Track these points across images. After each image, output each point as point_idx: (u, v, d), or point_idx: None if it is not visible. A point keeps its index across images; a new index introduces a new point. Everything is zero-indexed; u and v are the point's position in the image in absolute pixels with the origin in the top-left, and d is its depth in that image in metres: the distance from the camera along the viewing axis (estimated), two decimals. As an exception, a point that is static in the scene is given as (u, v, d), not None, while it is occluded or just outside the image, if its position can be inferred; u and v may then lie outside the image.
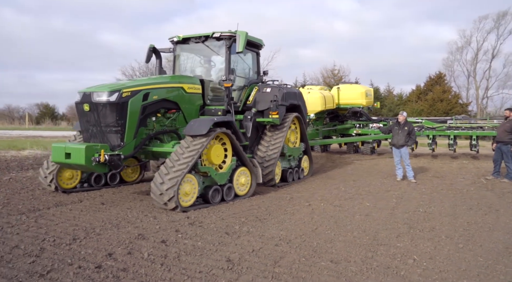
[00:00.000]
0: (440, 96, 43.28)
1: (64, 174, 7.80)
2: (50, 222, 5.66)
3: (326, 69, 47.34)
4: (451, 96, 43.78)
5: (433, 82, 46.05)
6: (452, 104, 42.33)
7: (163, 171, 6.41)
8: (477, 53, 48.28)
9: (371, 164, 13.81)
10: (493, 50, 47.17)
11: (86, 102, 6.68)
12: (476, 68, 48.50)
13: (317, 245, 4.78)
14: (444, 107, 41.58)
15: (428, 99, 43.57)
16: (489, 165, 13.33)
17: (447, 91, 44.63)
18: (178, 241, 4.86)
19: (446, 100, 42.92)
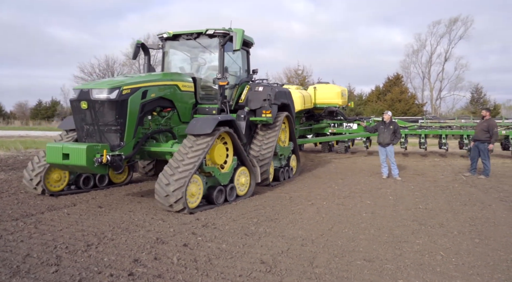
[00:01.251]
0: (398, 97, 45.07)
1: (52, 176, 7.33)
2: (52, 228, 5.29)
3: (289, 69, 47.87)
4: (408, 97, 45.76)
5: (391, 83, 47.89)
6: (410, 105, 44.22)
7: (168, 172, 6.17)
8: (431, 56, 50.77)
9: (350, 163, 14.09)
10: (446, 53, 49.81)
11: (84, 99, 6.30)
12: (430, 71, 50.96)
13: (342, 244, 4.78)
14: (402, 107, 43.31)
15: (387, 100, 45.23)
16: (459, 162, 14.05)
17: (405, 92, 46.60)
18: (201, 244, 4.69)
19: (404, 101, 44.78)
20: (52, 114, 59.70)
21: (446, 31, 49.20)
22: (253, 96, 9.15)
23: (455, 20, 48.34)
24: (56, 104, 62.55)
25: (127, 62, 52.41)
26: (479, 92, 49.64)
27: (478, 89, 49.56)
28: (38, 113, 58.45)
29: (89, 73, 47.68)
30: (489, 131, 10.33)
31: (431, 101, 50.32)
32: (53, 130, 36.44)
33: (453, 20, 48.45)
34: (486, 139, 10.35)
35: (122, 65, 50.21)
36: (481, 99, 49.49)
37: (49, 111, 59.64)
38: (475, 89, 49.77)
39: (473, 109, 46.81)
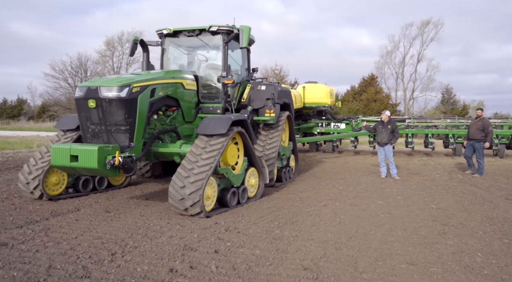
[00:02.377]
0: (373, 97, 45.97)
1: (50, 179, 6.88)
2: (65, 235, 4.92)
3: (267, 68, 47.82)
4: (383, 97, 46.74)
5: (367, 84, 48.80)
6: (385, 105, 45.11)
7: (183, 174, 5.89)
8: (404, 57, 51.94)
9: (342, 162, 14.11)
10: (418, 55, 51.08)
11: (92, 97, 5.92)
12: (404, 71, 52.14)
13: (376, 246, 4.67)
14: (378, 107, 44.11)
15: (363, 99, 46.04)
16: (447, 161, 14.32)
17: (379, 92, 47.58)
18: (232, 251, 4.46)
19: (379, 100, 45.71)
20: (18, 113, 57.33)
21: (419, 33, 50.51)
22: (255, 95, 8.95)
23: (427, 23, 49.70)
24: (23, 103, 60.12)
25: (100, 60, 51.01)
26: (449, 93, 51.21)
27: (448, 90, 51.14)
28: (3, 112, 55.93)
29: (60, 71, 46.05)
30: (484, 130, 10.54)
31: (404, 101, 51.53)
32: (23, 130, 34.96)
33: (425, 23, 49.79)
34: (482, 138, 10.55)
35: (96, 63, 48.74)
36: (451, 99, 51.09)
37: (15, 110, 57.25)
38: (446, 89, 51.31)
39: (444, 109, 48.32)
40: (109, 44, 51.73)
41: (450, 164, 13.62)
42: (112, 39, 51.17)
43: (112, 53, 51.79)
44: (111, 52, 51.74)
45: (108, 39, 51.15)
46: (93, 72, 48.10)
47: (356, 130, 16.22)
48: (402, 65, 52.06)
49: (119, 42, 52.53)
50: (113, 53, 51.89)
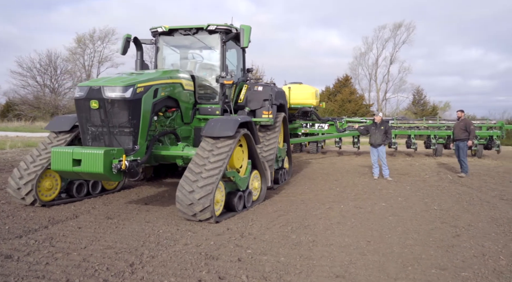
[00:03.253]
0: (348, 97, 46.62)
1: (43, 184, 6.50)
2: (72, 245, 4.61)
3: (243, 68, 47.62)
4: (357, 97, 47.49)
5: (341, 84, 49.45)
6: (359, 105, 45.90)
7: (191, 178, 5.67)
8: (377, 59, 53.09)
9: (329, 163, 14.16)
10: (391, 57, 52.33)
11: (94, 98, 5.60)
12: (377, 73, 53.27)
13: (399, 251, 4.61)
14: (353, 108, 44.84)
15: (338, 100, 46.62)
16: (430, 161, 14.63)
17: (353, 93, 48.33)
18: (256, 258, 4.30)
19: (353, 101, 46.41)
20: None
21: (391, 36, 51.72)
22: (252, 96, 8.80)
23: (399, 26, 50.96)
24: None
25: (71, 57, 49.38)
26: (420, 94, 52.66)
27: (419, 91, 52.56)
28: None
29: (28, 69, 44.21)
30: (466, 129, 10.78)
31: (377, 101, 52.63)
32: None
33: (397, 26, 51.03)
34: (466, 138, 10.78)
35: (66, 61, 47.11)
36: (421, 100, 52.56)
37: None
38: (416, 91, 52.73)
39: (415, 110, 49.66)
40: (80, 41, 50.17)
41: (434, 164, 13.92)
42: (83, 36, 49.65)
43: (83, 51, 50.29)
44: (82, 49, 50.23)
45: (79, 36, 49.62)
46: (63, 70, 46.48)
47: (340, 131, 16.34)
48: (375, 66, 53.19)
49: (90, 40, 51.09)
50: (84, 51, 50.39)
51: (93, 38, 50.75)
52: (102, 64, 52.14)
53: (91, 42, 50.96)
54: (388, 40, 52.01)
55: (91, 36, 50.66)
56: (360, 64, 54.01)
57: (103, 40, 51.11)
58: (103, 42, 51.24)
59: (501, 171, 12.34)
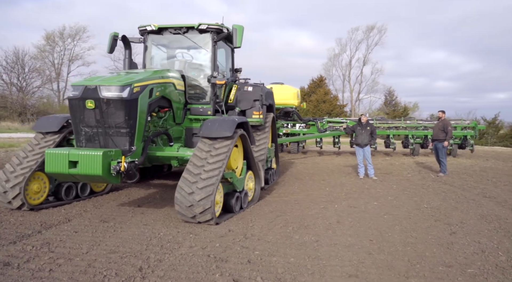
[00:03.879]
0: (322, 98, 47.21)
1: (31, 187, 6.24)
2: (73, 251, 4.45)
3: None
4: (331, 98, 48.19)
5: (316, 85, 50.05)
6: (333, 105, 46.59)
7: (190, 179, 5.58)
8: (351, 60, 54.06)
9: (312, 163, 14.29)
10: (364, 58, 53.40)
11: (90, 97, 5.42)
12: (350, 74, 54.22)
13: (402, 249, 4.70)
14: (327, 108, 45.46)
15: (313, 100, 47.13)
16: (408, 161, 15.00)
17: (328, 93, 49.01)
18: (265, 260, 4.27)
19: (328, 101, 47.06)
20: None
21: (364, 38, 52.78)
22: (242, 96, 8.75)
23: (372, 28, 52.06)
24: None
25: (39, 55, 47.68)
26: (392, 95, 54.03)
27: (391, 92, 53.94)
28: None
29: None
30: (444, 130, 11.09)
31: (351, 102, 53.58)
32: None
33: (370, 28, 52.12)
34: (443, 138, 11.07)
35: (34, 58, 45.44)
36: (393, 101, 53.92)
37: None
38: (388, 92, 54.07)
39: (387, 110, 50.88)
40: (49, 38, 48.59)
41: (412, 163, 14.29)
42: (52, 33, 48.10)
43: (53, 48, 48.72)
44: (51, 47, 48.64)
45: (48, 34, 48.04)
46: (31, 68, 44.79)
47: (321, 131, 16.52)
48: (348, 67, 54.13)
49: (60, 37, 49.56)
50: (53, 49, 48.82)
51: (63, 35, 49.28)
52: (73, 63, 50.73)
53: (60, 39, 49.48)
54: (361, 41, 53.07)
55: (60, 33, 49.17)
56: (334, 65, 54.89)
57: (73, 38, 49.71)
58: (73, 40, 49.84)
59: (477, 169, 12.80)
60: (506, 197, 8.06)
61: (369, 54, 53.32)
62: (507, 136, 39.15)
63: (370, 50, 53.11)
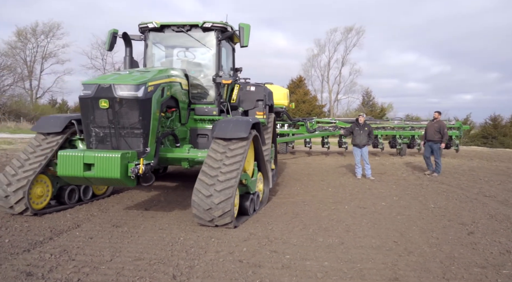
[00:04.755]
0: (302, 98, 47.50)
1: (35, 191, 5.92)
2: (95, 258, 4.21)
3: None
4: (310, 98, 48.57)
5: (295, 85, 50.30)
6: (313, 106, 46.96)
7: (207, 182, 5.41)
8: (329, 61, 54.62)
9: (305, 163, 14.28)
10: (342, 59, 54.06)
11: (104, 97, 5.18)
12: (329, 74, 54.79)
13: (429, 250, 4.69)
14: (307, 108, 45.76)
15: (293, 100, 47.30)
16: (397, 161, 15.21)
17: (307, 94, 49.36)
18: (299, 264, 4.17)
19: (307, 102, 47.40)
20: None
21: (342, 39, 53.43)
22: (245, 96, 8.62)
23: (350, 29, 52.78)
24: None
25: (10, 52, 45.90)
26: (369, 96, 54.91)
27: (368, 93, 54.81)
28: None
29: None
30: (440, 132, 11.28)
31: (329, 102, 54.13)
32: None
33: (348, 29, 52.81)
34: (439, 140, 11.26)
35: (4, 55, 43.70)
36: (370, 101, 54.83)
37: None
38: (366, 92, 54.93)
39: (364, 111, 51.68)
40: (21, 35, 46.89)
41: (402, 163, 14.50)
42: (24, 29, 46.44)
43: (25, 45, 47.06)
44: (23, 44, 46.98)
45: (20, 30, 46.35)
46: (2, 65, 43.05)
47: (311, 131, 16.55)
48: (327, 68, 54.67)
49: (32, 34, 47.92)
50: (25, 45, 47.16)
51: (35, 32, 47.69)
52: (46, 60, 49.17)
53: (33, 36, 47.84)
54: (339, 43, 53.70)
55: (33, 30, 47.57)
56: (312, 66, 55.31)
57: (47, 35, 48.15)
58: (47, 37, 48.29)
59: (466, 169, 13.10)
60: (505, 196, 8.25)
61: (347, 55, 54.01)
62: (478, 136, 40.52)
63: (348, 51, 53.82)
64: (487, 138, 38.70)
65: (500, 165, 14.69)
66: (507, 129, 37.96)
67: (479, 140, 39.39)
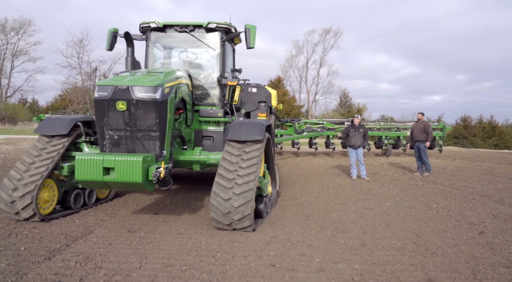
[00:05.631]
0: (281, 98, 47.67)
1: (42, 196, 5.70)
2: (122, 265, 4.09)
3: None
4: (289, 98, 48.91)
5: (274, 86, 50.47)
6: (291, 106, 47.31)
7: (225, 185, 5.34)
8: (308, 62, 55.12)
9: (295, 164, 14.35)
10: (320, 60, 54.67)
11: (122, 98, 5.03)
12: (307, 75, 55.29)
13: (450, 250, 4.79)
14: (286, 108, 46.03)
15: (272, 101, 47.54)
16: (384, 161, 15.50)
17: (286, 94, 49.67)
18: (332, 267, 4.17)
19: (286, 102, 47.69)
20: None
21: (320, 40, 54.04)
22: (247, 98, 8.61)
23: (328, 31, 53.45)
24: None
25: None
26: (346, 96, 55.82)
27: (345, 94, 55.71)
28: None
29: None
30: (425, 131, 11.54)
31: (308, 103, 54.63)
32: None
33: (326, 30, 53.45)
34: (425, 139, 11.51)
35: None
36: (347, 102, 55.72)
37: None
38: (343, 93, 55.81)
39: (342, 111, 52.48)
40: (-11, 31, 45.13)
41: (389, 163, 14.79)
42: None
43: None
44: (-8, 41, 45.18)
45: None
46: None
47: (299, 132, 16.65)
48: (305, 69, 55.16)
49: (2, 30, 46.19)
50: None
51: (5, 28, 45.99)
52: (17, 58, 47.50)
53: (2, 33, 46.14)
54: (317, 44, 54.28)
55: (2, 26, 45.85)
56: (291, 66, 55.66)
57: (17, 31, 46.50)
58: (17, 34, 46.64)
59: (453, 169, 13.49)
60: (500, 195, 8.53)
61: (325, 56, 54.66)
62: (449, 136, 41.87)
63: (326, 53, 54.49)
64: (458, 138, 39.99)
65: (482, 164, 15.20)
66: (476, 130, 39.43)
67: (450, 140, 40.72)
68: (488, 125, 41.25)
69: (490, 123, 41.51)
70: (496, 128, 40.50)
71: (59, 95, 47.61)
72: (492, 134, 39.81)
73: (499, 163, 15.75)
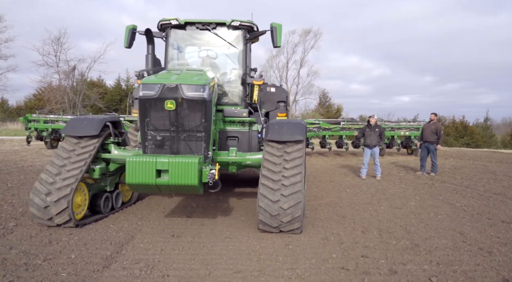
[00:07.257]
0: (263, 99, 47.68)
1: (75, 200, 5.40)
2: (191, 272, 3.91)
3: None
4: (270, 99, 48.87)
5: (255, 86, 50.35)
6: (273, 106, 47.29)
7: (272, 186, 5.20)
8: (288, 62, 55.35)
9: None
10: (301, 60, 54.99)
11: (171, 97, 4.81)
12: (287, 75, 55.51)
13: (505, 250, 4.84)
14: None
15: (253, 101, 47.47)
16: (383, 160, 15.67)
17: (267, 94, 49.59)
18: (402, 269, 4.13)
19: (268, 103, 47.64)
20: None
21: (300, 40, 54.37)
22: (266, 97, 8.46)
23: (308, 31, 53.83)
24: None
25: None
26: (326, 97, 56.41)
27: (325, 94, 56.28)
28: None
29: None
30: (437, 133, 11.77)
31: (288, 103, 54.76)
32: None
33: (306, 31, 53.84)
34: (435, 141, 11.75)
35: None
36: (327, 102, 56.34)
37: None
38: (322, 94, 56.36)
39: (321, 112, 52.99)
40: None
41: (389, 162, 14.99)
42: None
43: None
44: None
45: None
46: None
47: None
48: (285, 69, 55.38)
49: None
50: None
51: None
52: (1, 58, 45.32)
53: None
54: (297, 44, 54.58)
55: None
56: (271, 67, 55.74)
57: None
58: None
59: (451, 168, 13.80)
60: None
61: (305, 57, 55.04)
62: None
63: (306, 53, 54.85)
64: (432, 137, 41.25)
65: (476, 163, 15.63)
66: (449, 129, 40.75)
67: (427, 140, 41.93)
68: (460, 124, 42.77)
69: (462, 123, 43.04)
70: (467, 128, 42.03)
71: (34, 94, 45.90)
72: (464, 133, 41.27)
73: (491, 162, 16.24)
